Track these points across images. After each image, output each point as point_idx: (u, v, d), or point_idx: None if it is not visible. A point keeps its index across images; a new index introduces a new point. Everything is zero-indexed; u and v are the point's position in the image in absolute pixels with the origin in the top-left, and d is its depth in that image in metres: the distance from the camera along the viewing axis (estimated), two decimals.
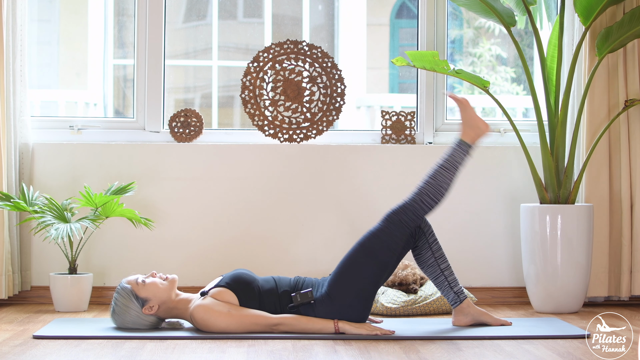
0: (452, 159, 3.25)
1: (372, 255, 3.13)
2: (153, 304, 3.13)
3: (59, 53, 6.19)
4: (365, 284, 3.12)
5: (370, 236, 3.17)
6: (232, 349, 2.84)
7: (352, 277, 3.12)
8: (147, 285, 3.13)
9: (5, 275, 3.81)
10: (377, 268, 3.13)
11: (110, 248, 4.07)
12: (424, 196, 3.20)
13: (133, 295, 3.12)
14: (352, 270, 3.13)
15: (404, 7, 7.33)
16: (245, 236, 4.10)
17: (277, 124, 4.17)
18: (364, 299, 3.12)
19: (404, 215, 3.19)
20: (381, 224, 3.19)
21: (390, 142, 4.22)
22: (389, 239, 3.15)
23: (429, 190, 3.21)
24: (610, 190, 4.00)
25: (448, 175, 3.23)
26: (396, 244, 3.16)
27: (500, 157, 4.19)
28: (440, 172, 3.23)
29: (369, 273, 3.12)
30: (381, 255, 3.14)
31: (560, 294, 3.76)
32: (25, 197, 3.78)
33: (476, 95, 6.39)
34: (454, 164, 3.24)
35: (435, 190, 3.20)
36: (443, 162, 3.24)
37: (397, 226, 3.17)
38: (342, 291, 3.11)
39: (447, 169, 3.23)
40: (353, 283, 3.12)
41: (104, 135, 4.20)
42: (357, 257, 3.15)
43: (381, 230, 3.17)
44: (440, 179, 3.22)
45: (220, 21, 6.17)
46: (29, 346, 2.89)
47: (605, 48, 3.85)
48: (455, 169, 3.24)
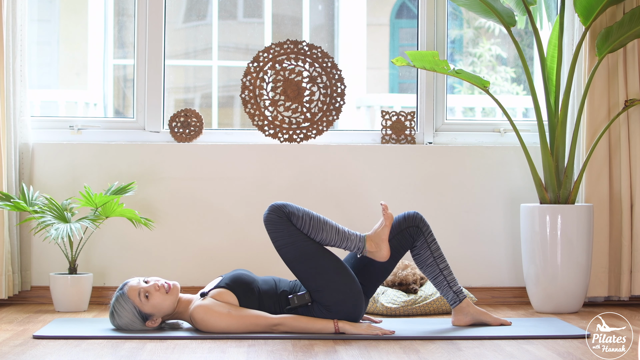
0: (347, 235, 3.17)
1: (299, 258, 3.13)
2: (156, 318, 3.12)
3: (59, 53, 6.19)
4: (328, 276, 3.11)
5: (280, 251, 3.15)
6: (232, 349, 2.84)
7: (314, 283, 3.12)
8: (150, 301, 3.08)
9: (5, 275, 3.81)
10: (315, 260, 3.12)
11: (110, 248, 4.07)
12: (306, 214, 3.14)
13: (136, 310, 3.09)
14: (307, 278, 3.13)
15: (404, 7, 7.33)
16: (245, 236, 4.10)
17: (277, 124, 4.17)
18: (344, 288, 3.11)
19: (273, 214, 3.13)
20: (270, 235, 3.15)
21: (390, 142, 4.22)
22: (289, 238, 3.12)
23: (315, 219, 3.15)
24: (610, 190, 4.00)
25: (333, 235, 3.16)
26: (296, 234, 3.12)
27: (500, 157, 4.19)
28: (332, 227, 3.16)
29: (317, 269, 3.11)
30: (303, 250, 3.12)
31: (560, 294, 3.76)
32: (25, 197, 3.78)
33: (476, 95, 6.39)
34: (344, 237, 3.17)
35: (317, 225, 3.14)
36: (341, 228, 3.19)
37: (277, 225, 3.13)
38: (321, 296, 3.11)
39: (337, 233, 3.16)
40: (320, 285, 3.11)
41: (104, 135, 4.20)
42: (298, 270, 3.13)
43: (275, 239, 3.14)
44: (327, 229, 3.15)
45: (220, 21, 6.17)
46: (29, 346, 2.89)
47: (605, 48, 3.85)
48: (340, 240, 3.16)
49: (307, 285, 3.13)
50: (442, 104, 4.30)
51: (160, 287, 3.10)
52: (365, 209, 4.11)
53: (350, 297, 3.13)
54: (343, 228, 3.20)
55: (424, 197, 4.14)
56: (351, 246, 3.19)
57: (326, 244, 3.18)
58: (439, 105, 4.29)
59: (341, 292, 3.12)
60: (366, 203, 4.12)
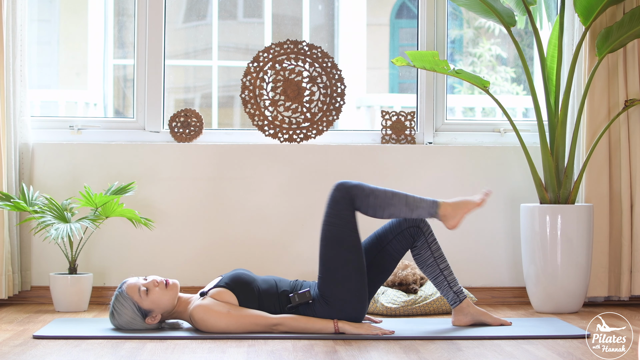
0: (417, 203, 3.18)
1: (337, 242, 3.12)
2: (156, 314, 3.12)
3: (59, 53, 6.20)
4: (348, 272, 3.11)
5: (325, 226, 3.15)
6: (232, 349, 2.84)
7: (333, 272, 3.11)
8: (149, 296, 3.09)
9: (5, 275, 3.81)
10: (349, 252, 3.11)
11: (110, 248, 4.07)
12: (372, 194, 3.14)
13: (135, 307, 3.09)
14: (329, 266, 3.12)
15: (404, 7, 7.33)
16: (245, 236, 4.10)
17: (277, 124, 4.17)
18: (355, 290, 3.11)
19: (338, 193, 3.14)
20: (328, 208, 3.15)
21: (390, 142, 4.22)
22: (341, 220, 3.13)
23: (381, 197, 3.14)
24: (610, 190, 4.00)
25: (401, 207, 3.16)
26: (349, 221, 3.12)
27: (500, 157, 4.19)
28: (401, 198, 3.16)
29: (345, 260, 3.11)
30: (345, 237, 3.12)
31: (560, 294, 3.76)
32: (25, 197, 3.78)
33: (476, 95, 6.40)
34: (413, 206, 3.17)
35: (383, 203, 3.14)
36: (412, 197, 3.18)
37: (338, 204, 3.13)
38: (331, 288, 3.11)
39: (407, 204, 3.17)
40: (337, 278, 3.11)
41: (104, 135, 4.20)
42: (326, 252, 3.13)
43: (330, 214, 3.14)
44: (394, 202, 3.15)
45: (220, 21, 6.18)
46: (29, 346, 2.89)
47: (605, 48, 3.85)
48: (410, 210, 3.17)
49: (324, 272, 3.12)
50: (442, 104, 4.30)
51: (159, 282, 3.11)
52: None
53: (357, 301, 3.12)
54: (413, 196, 3.17)
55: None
56: (422, 213, 3.19)
57: (395, 217, 3.19)
58: (439, 105, 4.29)
59: (351, 292, 3.11)
60: None
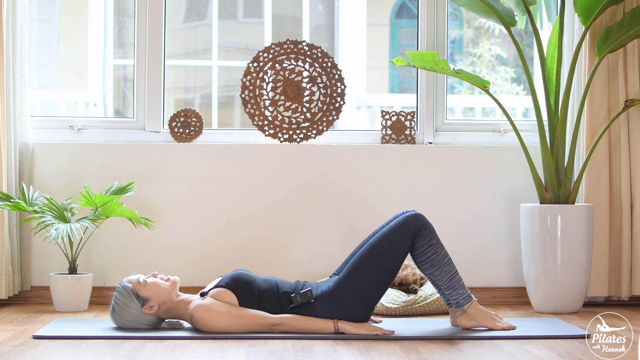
0: (458, 285, 3.20)
1: (381, 259, 3.12)
2: (153, 304, 3.13)
3: (59, 53, 6.19)
4: (370, 287, 3.11)
5: (382, 238, 3.16)
6: (232, 349, 2.84)
7: (359, 280, 3.11)
8: (148, 284, 3.14)
9: (5, 275, 3.81)
10: (384, 274, 3.12)
11: (110, 248, 4.07)
12: (433, 247, 3.17)
13: (134, 294, 3.13)
14: (360, 272, 3.12)
15: (404, 7, 7.33)
16: (245, 236, 4.10)
17: (277, 124, 4.17)
18: (366, 302, 3.12)
19: (413, 220, 3.17)
20: (394, 225, 3.17)
21: (390, 142, 4.22)
22: (398, 244, 3.14)
23: (438, 256, 3.17)
24: (610, 190, 4.00)
25: (443, 278, 3.18)
26: (403, 251, 3.15)
27: (500, 157, 4.19)
28: (450, 272, 3.19)
29: (376, 278, 3.11)
30: (390, 260, 3.13)
31: (560, 294, 3.76)
32: (25, 197, 3.78)
33: (476, 95, 6.40)
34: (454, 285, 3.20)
35: (434, 263, 3.17)
36: (458, 277, 3.21)
37: (405, 229, 3.16)
38: (347, 291, 3.11)
39: (450, 279, 3.19)
40: (358, 285, 3.11)
41: (104, 135, 4.20)
42: (367, 259, 3.13)
43: (392, 231, 3.16)
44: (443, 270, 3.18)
45: (220, 21, 6.17)
46: (29, 346, 2.89)
47: (605, 48, 3.85)
48: (449, 287, 3.19)
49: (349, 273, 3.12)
50: (442, 104, 4.30)
51: (158, 275, 3.20)
52: (365, 209, 4.11)
53: (363, 313, 3.13)
54: (459, 278, 3.21)
55: (424, 197, 4.14)
56: (455, 296, 3.21)
57: (431, 280, 3.23)
58: (439, 105, 4.29)
59: (361, 302, 3.11)
60: (366, 203, 4.12)
